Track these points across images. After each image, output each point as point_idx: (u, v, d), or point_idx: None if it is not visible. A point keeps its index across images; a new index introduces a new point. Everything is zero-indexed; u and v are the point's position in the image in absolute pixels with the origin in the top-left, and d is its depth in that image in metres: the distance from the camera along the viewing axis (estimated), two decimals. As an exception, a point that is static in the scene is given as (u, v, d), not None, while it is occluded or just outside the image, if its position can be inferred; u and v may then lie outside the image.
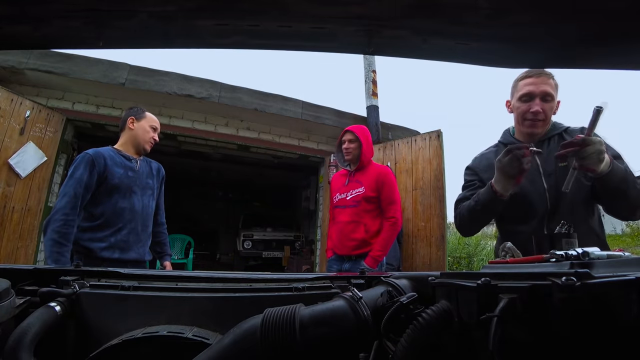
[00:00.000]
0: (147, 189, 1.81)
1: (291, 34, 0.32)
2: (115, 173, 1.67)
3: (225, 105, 4.21)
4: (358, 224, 2.10)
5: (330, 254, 2.25)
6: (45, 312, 0.51)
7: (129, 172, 1.73)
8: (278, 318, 0.45)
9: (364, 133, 2.22)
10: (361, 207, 2.12)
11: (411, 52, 0.34)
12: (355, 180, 2.19)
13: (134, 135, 1.80)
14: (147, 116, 1.84)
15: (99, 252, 1.58)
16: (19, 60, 3.42)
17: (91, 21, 0.31)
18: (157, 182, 1.90)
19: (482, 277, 0.39)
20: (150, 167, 1.88)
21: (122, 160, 1.74)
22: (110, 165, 1.67)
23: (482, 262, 6.28)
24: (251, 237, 7.17)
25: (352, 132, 2.19)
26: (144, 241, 1.77)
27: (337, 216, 2.20)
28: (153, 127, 1.84)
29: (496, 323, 0.34)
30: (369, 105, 4.88)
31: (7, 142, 3.04)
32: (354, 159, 2.20)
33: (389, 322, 0.47)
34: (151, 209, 1.83)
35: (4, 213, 3.06)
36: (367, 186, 2.13)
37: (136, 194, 1.74)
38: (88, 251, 1.58)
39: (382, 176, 2.15)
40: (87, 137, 4.61)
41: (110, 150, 1.74)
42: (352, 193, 2.16)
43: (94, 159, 1.62)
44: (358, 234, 2.09)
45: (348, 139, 2.20)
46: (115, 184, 1.65)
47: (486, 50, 0.33)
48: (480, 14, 0.27)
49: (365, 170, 2.21)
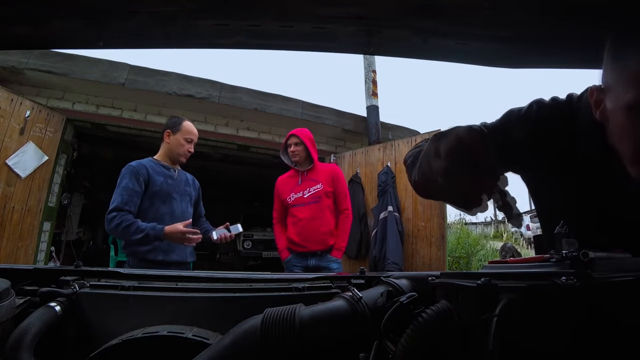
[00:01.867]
0: (186, 195, 1.95)
1: (292, 34, 0.32)
2: (156, 180, 1.81)
3: (225, 105, 4.21)
4: (322, 219, 2.28)
5: (286, 253, 2.35)
6: (45, 312, 0.51)
7: (168, 180, 1.86)
8: (278, 318, 0.45)
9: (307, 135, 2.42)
10: (322, 203, 2.30)
11: (411, 52, 0.34)
12: (310, 178, 2.36)
13: (170, 149, 1.91)
14: (182, 129, 1.93)
15: (144, 254, 1.71)
16: (19, 60, 3.42)
17: (91, 21, 0.31)
18: (194, 191, 2.04)
19: (482, 277, 0.39)
20: (186, 177, 2.02)
21: (162, 169, 1.87)
22: (152, 173, 1.81)
23: (481, 262, 6.28)
24: (251, 237, 7.17)
25: (296, 136, 2.38)
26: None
27: (297, 214, 2.33)
28: (188, 140, 1.93)
29: (496, 323, 0.34)
30: (369, 105, 4.88)
31: (7, 142, 3.04)
32: (301, 160, 2.38)
33: (389, 322, 0.47)
34: (189, 215, 1.95)
35: (4, 213, 3.06)
36: (324, 182, 2.32)
37: (175, 200, 1.87)
38: (135, 253, 1.73)
39: (335, 172, 2.38)
40: (87, 137, 4.62)
41: (150, 160, 1.88)
42: (310, 190, 2.33)
43: (138, 170, 1.78)
44: (324, 227, 2.27)
45: (293, 142, 2.38)
46: (156, 191, 1.80)
47: (486, 50, 0.33)
48: (480, 14, 0.27)
49: (316, 169, 2.39)
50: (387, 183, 4.06)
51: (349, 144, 5.19)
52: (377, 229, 3.92)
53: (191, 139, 1.94)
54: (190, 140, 1.94)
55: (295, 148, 2.35)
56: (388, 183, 4.05)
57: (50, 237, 3.83)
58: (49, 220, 3.73)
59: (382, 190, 4.07)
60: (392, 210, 3.87)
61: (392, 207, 3.89)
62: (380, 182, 4.13)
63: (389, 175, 4.10)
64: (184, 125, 1.93)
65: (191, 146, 1.95)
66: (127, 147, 5.46)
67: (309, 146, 2.35)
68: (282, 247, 2.38)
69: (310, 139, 2.39)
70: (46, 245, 3.75)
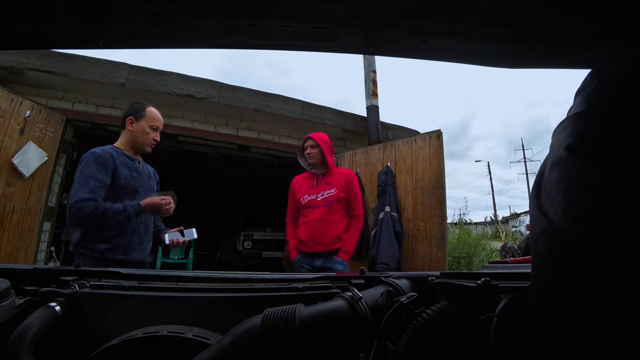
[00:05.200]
0: (150, 190, 1.78)
1: (291, 34, 0.32)
2: (122, 173, 1.63)
3: (225, 105, 4.21)
4: (331, 222, 2.31)
5: (295, 253, 2.39)
6: (45, 312, 0.51)
7: (133, 172, 1.69)
8: (278, 318, 0.45)
9: (324, 139, 2.45)
10: (333, 207, 2.33)
11: (411, 52, 0.34)
12: (325, 182, 2.39)
13: (134, 138, 1.73)
14: (147, 115, 1.74)
15: (102, 253, 1.55)
16: (19, 60, 3.43)
17: (91, 21, 0.31)
18: (156, 185, 1.88)
19: (482, 277, 0.39)
20: (149, 170, 1.85)
21: (127, 160, 1.69)
22: (118, 164, 1.63)
23: (482, 262, 6.28)
24: (251, 237, 7.16)
25: (313, 139, 2.42)
26: (146, 243, 1.76)
27: (309, 215, 2.37)
28: (153, 127, 1.75)
29: (496, 323, 0.34)
30: (369, 105, 4.88)
31: (7, 142, 3.04)
32: (316, 163, 2.40)
33: (389, 322, 0.47)
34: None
35: (4, 213, 3.06)
36: (338, 188, 2.35)
37: (141, 194, 1.70)
38: (91, 252, 1.55)
39: (350, 178, 2.41)
40: (87, 137, 4.61)
41: (112, 149, 1.68)
42: (324, 194, 2.36)
43: (104, 158, 1.59)
44: (333, 230, 2.30)
45: (310, 144, 2.41)
46: (121, 185, 1.62)
47: (486, 50, 0.33)
48: (480, 14, 0.27)
49: (332, 173, 2.42)
50: (387, 183, 4.06)
51: (349, 144, 5.19)
52: (375, 229, 3.93)
53: (157, 126, 1.75)
54: (155, 127, 1.75)
55: (311, 150, 2.38)
56: (388, 183, 4.05)
57: (50, 237, 3.83)
58: (49, 220, 3.73)
59: (382, 191, 4.07)
60: (389, 211, 3.88)
61: (389, 207, 3.90)
62: (380, 182, 4.13)
63: (388, 175, 4.09)
64: (148, 111, 1.74)
65: (157, 134, 1.76)
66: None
67: (324, 149, 2.38)
68: (292, 247, 2.41)
69: (326, 142, 2.42)
70: (46, 245, 3.75)
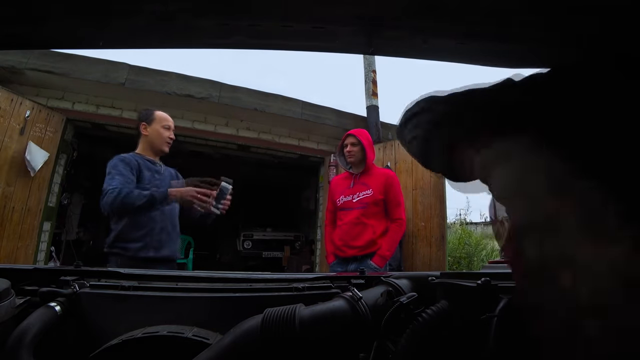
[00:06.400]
0: None
1: (291, 33, 0.32)
2: (145, 175, 1.76)
3: (225, 105, 4.21)
4: (365, 225, 2.15)
5: (332, 258, 2.26)
6: (45, 312, 0.51)
7: (155, 175, 1.81)
8: (278, 318, 0.45)
9: (366, 136, 2.29)
10: (369, 210, 2.17)
11: (411, 52, 0.34)
12: (361, 182, 2.24)
13: (151, 140, 1.85)
14: (156, 117, 1.86)
15: (135, 252, 1.65)
16: (19, 60, 3.42)
17: (91, 21, 0.31)
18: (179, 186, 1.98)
19: (482, 277, 0.39)
20: (170, 172, 1.96)
21: (148, 164, 1.82)
22: (142, 167, 1.76)
23: (482, 262, 6.28)
24: (251, 237, 7.16)
25: (354, 136, 2.25)
26: (175, 239, 1.85)
27: (343, 217, 2.24)
28: (165, 127, 1.87)
29: (496, 323, 0.34)
30: (369, 105, 4.87)
31: (7, 142, 3.04)
32: (356, 162, 2.25)
33: (389, 322, 0.47)
34: (177, 210, 1.90)
35: (4, 213, 3.06)
36: (375, 189, 2.19)
37: None
38: (125, 251, 1.65)
39: (389, 179, 2.22)
40: (87, 137, 4.61)
41: (135, 155, 1.82)
42: (359, 195, 2.21)
43: (129, 160, 1.73)
44: (366, 234, 2.14)
45: (350, 142, 2.25)
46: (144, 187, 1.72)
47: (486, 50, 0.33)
48: (480, 14, 0.27)
49: (370, 173, 2.25)
50: (387, 183, 4.05)
51: (349, 144, 5.19)
52: (376, 229, 3.93)
53: (168, 125, 1.88)
54: (167, 126, 1.88)
55: (352, 148, 2.23)
56: (388, 183, 4.05)
57: (50, 237, 3.83)
58: (49, 220, 3.73)
59: (382, 190, 4.07)
60: (387, 211, 3.87)
61: (388, 207, 3.89)
62: (380, 182, 4.12)
63: (389, 175, 4.09)
64: (156, 114, 1.88)
65: (171, 132, 1.89)
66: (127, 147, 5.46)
67: (366, 147, 2.23)
68: (329, 251, 2.29)
69: (368, 140, 2.27)
70: (46, 245, 3.75)
